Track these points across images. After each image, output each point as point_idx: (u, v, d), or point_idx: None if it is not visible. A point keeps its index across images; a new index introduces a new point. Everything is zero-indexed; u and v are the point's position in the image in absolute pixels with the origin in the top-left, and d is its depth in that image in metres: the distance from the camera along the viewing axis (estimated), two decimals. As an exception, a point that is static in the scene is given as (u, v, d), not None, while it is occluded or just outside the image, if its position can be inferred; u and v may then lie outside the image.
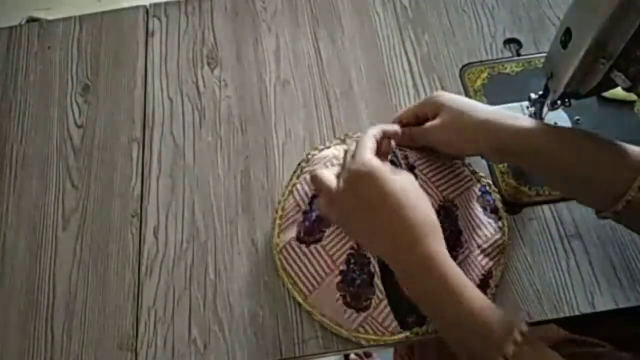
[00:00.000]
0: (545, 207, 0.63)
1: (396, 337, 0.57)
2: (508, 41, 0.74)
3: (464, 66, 0.72)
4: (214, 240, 0.63)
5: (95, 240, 0.64)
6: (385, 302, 0.57)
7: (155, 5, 0.80)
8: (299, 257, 0.60)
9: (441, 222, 0.51)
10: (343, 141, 0.67)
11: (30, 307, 0.61)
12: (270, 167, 0.67)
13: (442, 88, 0.71)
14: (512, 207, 0.63)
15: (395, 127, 0.58)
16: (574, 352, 0.59)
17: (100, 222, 0.65)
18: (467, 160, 0.64)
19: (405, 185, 0.50)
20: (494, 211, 0.61)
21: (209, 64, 0.75)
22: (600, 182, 0.51)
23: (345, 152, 0.55)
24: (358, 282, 0.58)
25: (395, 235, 0.49)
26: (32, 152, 0.71)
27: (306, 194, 0.62)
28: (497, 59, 0.72)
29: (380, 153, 0.54)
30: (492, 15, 0.76)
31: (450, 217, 0.59)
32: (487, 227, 0.60)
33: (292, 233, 0.61)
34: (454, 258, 0.56)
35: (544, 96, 0.61)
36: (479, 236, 0.59)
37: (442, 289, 0.48)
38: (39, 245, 0.65)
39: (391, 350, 0.93)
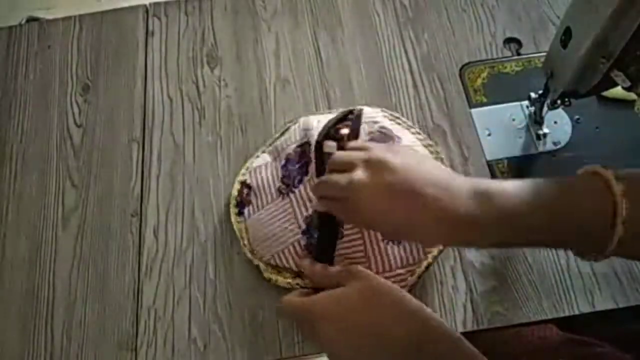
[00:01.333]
0: (545, 206, 0.63)
1: None
2: (508, 41, 0.74)
3: (463, 66, 0.72)
4: (214, 240, 0.63)
5: (95, 240, 0.64)
6: None
7: (155, 4, 0.80)
8: None
9: None
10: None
11: (30, 307, 0.61)
12: (270, 166, 0.67)
13: (442, 88, 0.71)
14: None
15: None
16: (574, 352, 0.59)
17: (100, 221, 0.65)
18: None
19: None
20: None
21: (209, 63, 0.75)
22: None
23: None
24: None
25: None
26: (32, 152, 0.71)
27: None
28: (497, 59, 0.72)
29: None
30: (492, 15, 0.76)
31: None
32: None
33: None
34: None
35: (543, 96, 0.61)
36: None
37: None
38: (39, 245, 0.65)
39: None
